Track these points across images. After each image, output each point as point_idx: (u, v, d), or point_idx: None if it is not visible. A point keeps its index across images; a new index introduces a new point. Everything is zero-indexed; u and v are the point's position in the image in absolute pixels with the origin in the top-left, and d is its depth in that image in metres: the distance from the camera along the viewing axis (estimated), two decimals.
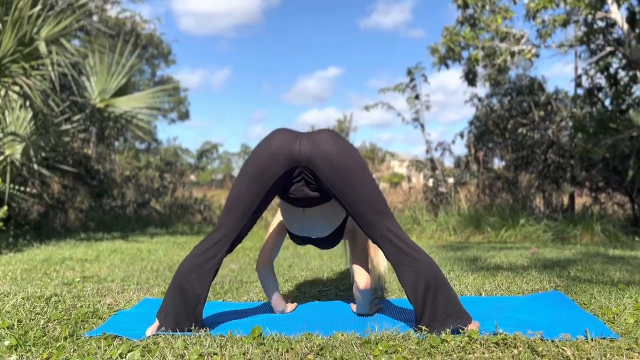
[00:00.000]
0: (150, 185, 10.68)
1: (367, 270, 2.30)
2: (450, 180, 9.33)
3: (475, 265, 3.67)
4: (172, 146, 18.14)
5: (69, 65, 5.73)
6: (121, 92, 6.82)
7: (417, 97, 9.35)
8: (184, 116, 22.73)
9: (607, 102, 9.02)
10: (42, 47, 5.33)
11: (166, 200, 10.42)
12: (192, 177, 11.25)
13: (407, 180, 12.23)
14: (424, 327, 2.01)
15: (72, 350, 1.88)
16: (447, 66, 8.33)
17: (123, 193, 10.29)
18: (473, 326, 2.06)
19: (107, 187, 9.55)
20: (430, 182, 9.65)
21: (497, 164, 10.36)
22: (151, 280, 3.28)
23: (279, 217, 2.53)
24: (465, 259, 4.02)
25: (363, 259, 2.32)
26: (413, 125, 9.56)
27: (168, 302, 2.11)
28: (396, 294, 2.86)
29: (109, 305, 2.64)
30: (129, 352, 1.85)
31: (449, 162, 10.08)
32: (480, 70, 8.62)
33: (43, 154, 5.84)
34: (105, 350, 1.87)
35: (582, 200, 9.58)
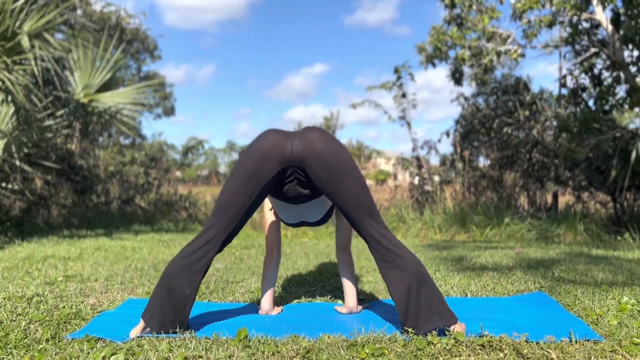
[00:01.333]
0: (135, 181, 10.58)
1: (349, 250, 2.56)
2: (436, 178, 9.37)
3: (461, 265, 3.68)
4: (157, 142, 18.00)
5: (52, 59, 5.64)
6: (105, 87, 6.73)
7: (403, 95, 9.38)
8: (170, 112, 22.51)
9: (590, 103, 9.12)
10: (25, 42, 5.24)
11: (151, 197, 10.33)
12: (178, 174, 11.14)
13: (393, 178, 12.27)
14: (410, 330, 2.01)
15: (54, 353, 1.85)
16: (434, 65, 8.35)
17: (107, 189, 10.17)
18: (459, 328, 2.07)
19: (90, 183, 9.43)
20: (416, 180, 9.68)
21: (483, 162, 10.44)
22: (135, 280, 3.24)
23: (268, 205, 2.60)
24: (451, 259, 4.03)
25: (348, 235, 2.55)
26: (399, 123, 9.60)
27: (155, 303, 2.08)
28: (382, 294, 2.86)
29: (92, 305, 2.61)
30: (112, 355, 1.82)
31: (434, 161, 10.13)
32: (466, 69, 8.66)
33: (25, 150, 5.74)
34: (88, 353, 1.85)
35: (565, 199, 9.70)
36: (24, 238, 6.10)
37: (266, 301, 2.45)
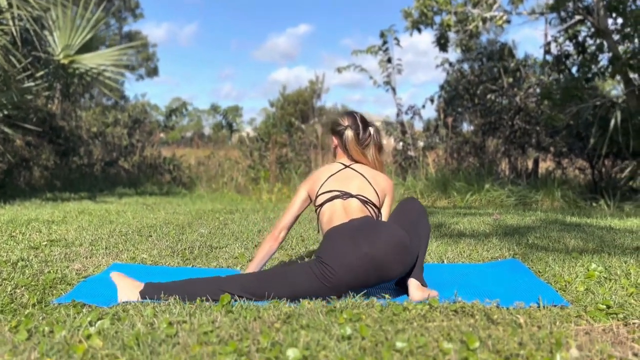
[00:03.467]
0: (118, 143, 10.49)
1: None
2: (420, 144, 9.45)
3: (440, 232, 3.78)
4: (141, 103, 17.75)
5: (31, 19, 5.51)
6: (86, 48, 6.60)
7: (389, 60, 9.34)
8: (153, 72, 22.17)
9: (574, 70, 9.18)
10: (2, 0, 5.10)
11: (135, 160, 10.28)
12: (162, 135, 11.06)
13: None
14: (387, 296, 2.10)
15: (40, 318, 1.90)
16: (419, 31, 8.31)
17: (90, 151, 10.09)
18: (433, 293, 2.19)
19: (73, 145, 9.35)
20: (400, 146, 9.75)
21: (466, 128, 10.52)
22: (120, 245, 3.28)
23: (304, 193, 2.54)
24: (431, 225, 4.12)
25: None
26: (384, 88, 9.60)
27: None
28: None
29: (77, 270, 2.65)
30: (98, 319, 1.87)
31: (418, 126, 10.18)
32: (452, 35, 8.62)
33: (5, 112, 5.66)
34: (75, 317, 1.90)
35: (545, 164, 9.88)
36: (7, 201, 6.07)
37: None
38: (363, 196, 2.39)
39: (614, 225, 4.09)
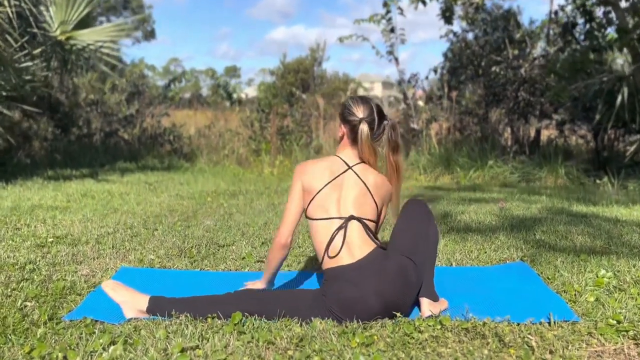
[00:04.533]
0: (117, 110, 10.33)
1: None
2: (424, 115, 9.35)
3: (446, 225, 3.77)
4: (138, 67, 17.48)
5: None
6: (83, 24, 6.44)
7: (392, 30, 9.15)
8: (150, 35, 21.76)
9: (581, 39, 8.99)
10: None
11: (135, 132, 10.18)
12: (162, 109, 10.92)
13: None
14: (398, 314, 2.10)
15: (53, 341, 1.90)
16: (424, 3, 8.09)
17: (88, 120, 9.96)
18: (443, 305, 2.21)
19: (71, 118, 9.25)
20: (402, 115, 9.66)
21: (469, 94, 10.35)
22: (126, 243, 3.27)
23: (300, 185, 2.28)
24: (437, 216, 4.12)
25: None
26: (387, 58, 9.43)
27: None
28: None
29: (85, 276, 2.65)
30: (111, 343, 1.88)
31: (421, 101, 10.06)
32: (457, 8, 8.40)
33: (4, 93, 5.55)
34: (87, 340, 1.90)
35: (547, 132, 9.80)
36: (8, 180, 6.04)
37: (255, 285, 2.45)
38: (363, 218, 2.19)
39: (620, 215, 4.09)
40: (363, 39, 9.52)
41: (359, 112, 2.25)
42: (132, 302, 2.20)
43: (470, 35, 9.66)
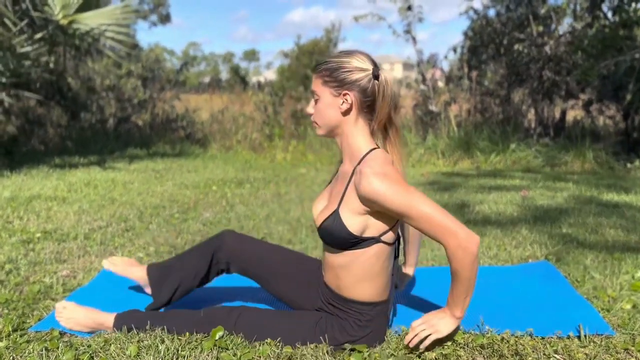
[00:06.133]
0: (133, 95, 10.16)
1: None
2: (442, 97, 8.96)
3: (463, 217, 3.47)
4: (154, 52, 17.30)
5: None
6: (86, 6, 6.20)
7: (409, 8, 8.74)
8: (165, 19, 21.50)
9: (610, 15, 8.47)
10: None
11: (146, 118, 10.01)
12: (174, 93, 10.71)
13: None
14: (403, 328, 1.83)
15: (11, 359, 1.69)
16: None
17: (102, 106, 9.81)
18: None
19: (83, 102, 9.09)
20: (421, 99, 9.28)
21: (490, 74, 9.91)
22: (116, 239, 3.06)
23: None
24: (453, 206, 3.82)
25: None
26: (404, 38, 9.04)
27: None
28: None
29: (65, 278, 2.43)
30: None
31: (440, 82, 9.65)
32: None
33: (3, 80, 5.37)
34: (48, 358, 1.68)
35: (573, 113, 9.35)
36: (14, 168, 5.90)
37: None
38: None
39: None
40: (379, 18, 9.13)
41: (364, 62, 1.59)
42: (96, 326, 1.88)
43: (491, 12, 9.19)
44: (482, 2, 8.85)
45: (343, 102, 1.59)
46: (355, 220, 1.57)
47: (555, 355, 1.67)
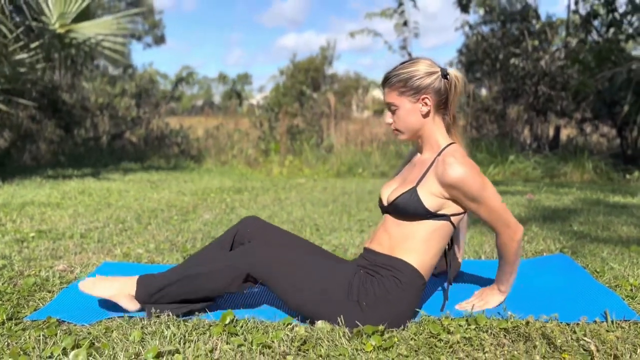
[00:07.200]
0: (126, 114, 10.11)
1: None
2: None
3: (471, 218, 3.39)
4: (148, 72, 17.27)
5: None
6: (84, 16, 6.16)
7: (405, 23, 8.81)
8: (160, 40, 21.60)
9: (602, 31, 8.57)
10: None
11: (141, 133, 9.93)
12: (173, 105, 10.65)
13: None
14: (422, 312, 1.75)
15: (6, 345, 1.58)
16: None
17: (96, 123, 9.74)
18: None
19: (77, 118, 9.01)
20: None
21: (485, 92, 9.97)
22: (114, 237, 2.95)
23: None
24: None
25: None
26: (400, 54, 9.08)
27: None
28: None
29: (61, 272, 2.32)
30: (73, 347, 1.54)
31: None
32: None
33: None
34: (46, 344, 1.57)
35: (567, 131, 9.39)
36: (5, 179, 5.77)
37: None
38: None
39: None
40: (375, 34, 9.19)
41: (430, 65, 1.71)
42: (123, 291, 1.82)
43: (486, 28, 9.27)
44: (478, 14, 8.92)
45: (423, 105, 1.73)
46: (431, 199, 1.71)
47: (585, 338, 1.58)
